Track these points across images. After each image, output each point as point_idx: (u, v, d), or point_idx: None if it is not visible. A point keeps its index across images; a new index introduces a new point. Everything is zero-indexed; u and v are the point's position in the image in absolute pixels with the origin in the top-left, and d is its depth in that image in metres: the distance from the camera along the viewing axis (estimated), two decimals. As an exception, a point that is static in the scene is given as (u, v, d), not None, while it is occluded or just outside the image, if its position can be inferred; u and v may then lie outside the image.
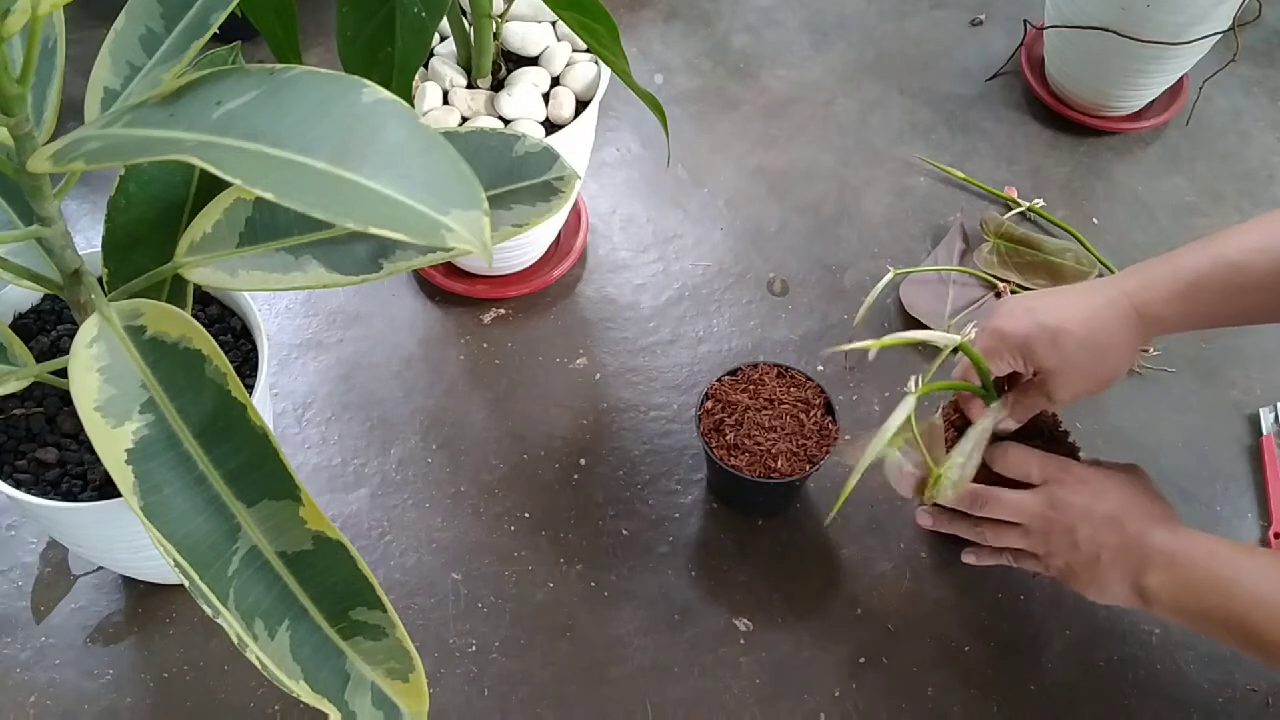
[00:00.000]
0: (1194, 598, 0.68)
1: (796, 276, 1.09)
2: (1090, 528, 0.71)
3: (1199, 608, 0.68)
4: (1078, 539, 0.71)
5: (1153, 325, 0.74)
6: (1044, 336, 0.73)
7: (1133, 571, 0.70)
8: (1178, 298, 0.73)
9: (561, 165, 0.68)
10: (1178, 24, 1.08)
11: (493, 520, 0.92)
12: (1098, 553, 0.71)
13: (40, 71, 0.62)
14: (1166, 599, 0.69)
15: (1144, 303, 0.73)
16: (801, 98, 1.25)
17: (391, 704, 0.60)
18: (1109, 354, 0.74)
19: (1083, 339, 0.73)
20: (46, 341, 0.78)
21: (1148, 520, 0.71)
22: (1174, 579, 0.69)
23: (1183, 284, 0.72)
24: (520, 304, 1.06)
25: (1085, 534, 0.71)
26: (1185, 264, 0.73)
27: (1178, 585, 0.69)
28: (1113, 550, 0.70)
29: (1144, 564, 0.70)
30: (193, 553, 0.57)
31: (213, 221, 0.63)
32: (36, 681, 0.83)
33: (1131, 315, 0.73)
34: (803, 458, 0.86)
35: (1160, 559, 0.69)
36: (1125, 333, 0.73)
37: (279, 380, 1.00)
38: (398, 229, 0.43)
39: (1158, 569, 0.69)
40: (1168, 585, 0.69)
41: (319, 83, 0.48)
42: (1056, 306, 0.74)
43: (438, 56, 0.97)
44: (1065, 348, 0.72)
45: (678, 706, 0.83)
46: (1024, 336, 0.73)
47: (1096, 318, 0.73)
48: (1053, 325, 0.73)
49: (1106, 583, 0.72)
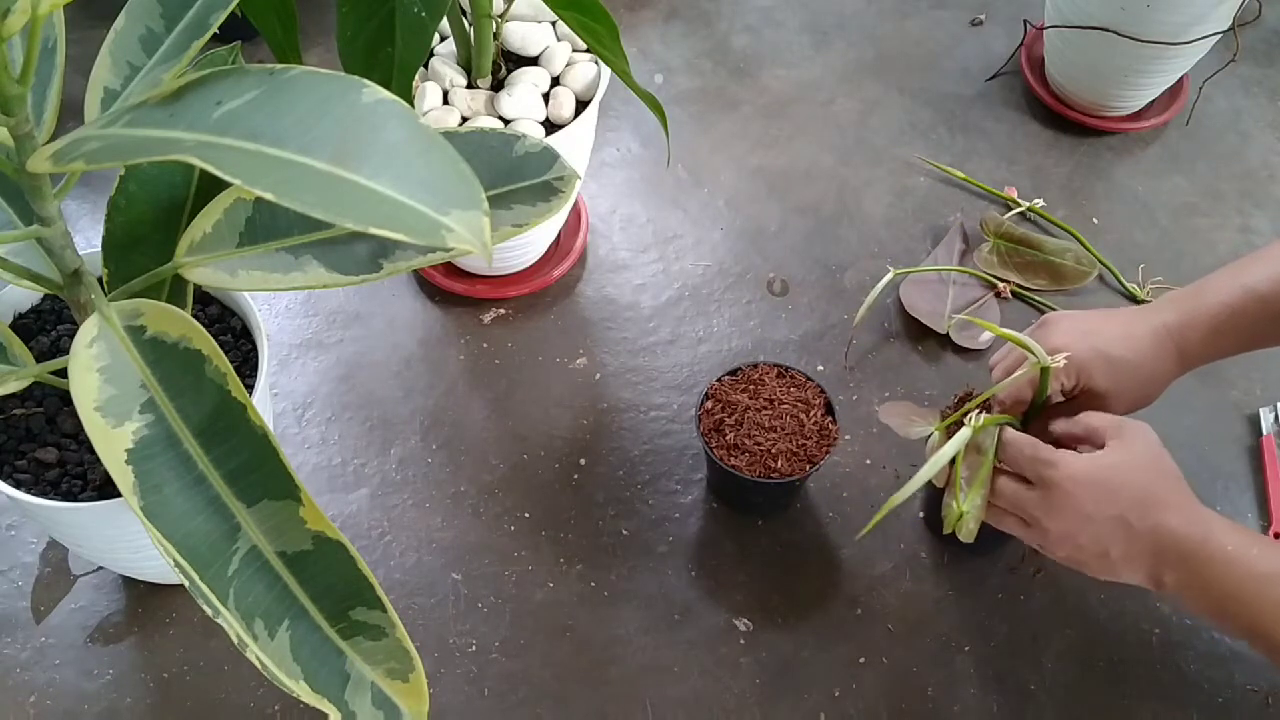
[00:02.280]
0: (1213, 602, 0.68)
1: (796, 276, 1.09)
2: (1093, 531, 0.69)
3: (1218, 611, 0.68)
4: (1081, 542, 0.70)
5: (1190, 360, 0.78)
6: (1100, 362, 0.77)
7: (1147, 565, 0.69)
8: (1213, 334, 0.77)
9: (561, 165, 0.68)
10: (1178, 24, 1.08)
11: (493, 520, 0.92)
12: (1106, 550, 0.70)
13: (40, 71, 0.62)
14: (1186, 599, 0.69)
15: (1183, 340, 0.77)
16: (801, 98, 1.25)
17: (391, 704, 0.60)
18: (1154, 384, 0.78)
19: (1135, 368, 0.77)
20: (46, 341, 0.78)
21: (1158, 509, 0.69)
22: (1191, 580, 0.68)
23: (1217, 321, 0.77)
24: (520, 304, 1.06)
25: (1089, 537, 0.70)
26: (1217, 299, 0.77)
27: (1196, 588, 0.68)
28: (1123, 546, 0.69)
29: (1159, 559, 0.69)
30: (193, 553, 0.57)
31: (213, 221, 0.63)
32: (36, 681, 0.83)
33: (1172, 351, 0.78)
34: (803, 458, 0.86)
35: (1175, 557, 0.68)
36: (1167, 365, 0.78)
37: (279, 380, 1.00)
38: (398, 229, 0.43)
39: (1173, 566, 0.68)
40: (1185, 586, 0.68)
41: (319, 83, 0.48)
42: (1109, 334, 0.78)
43: (438, 56, 0.97)
44: (1120, 375, 0.77)
45: (678, 706, 0.83)
46: (1083, 360, 0.77)
47: (1145, 350, 0.77)
48: (1110, 353, 0.77)
49: (1118, 573, 0.71)
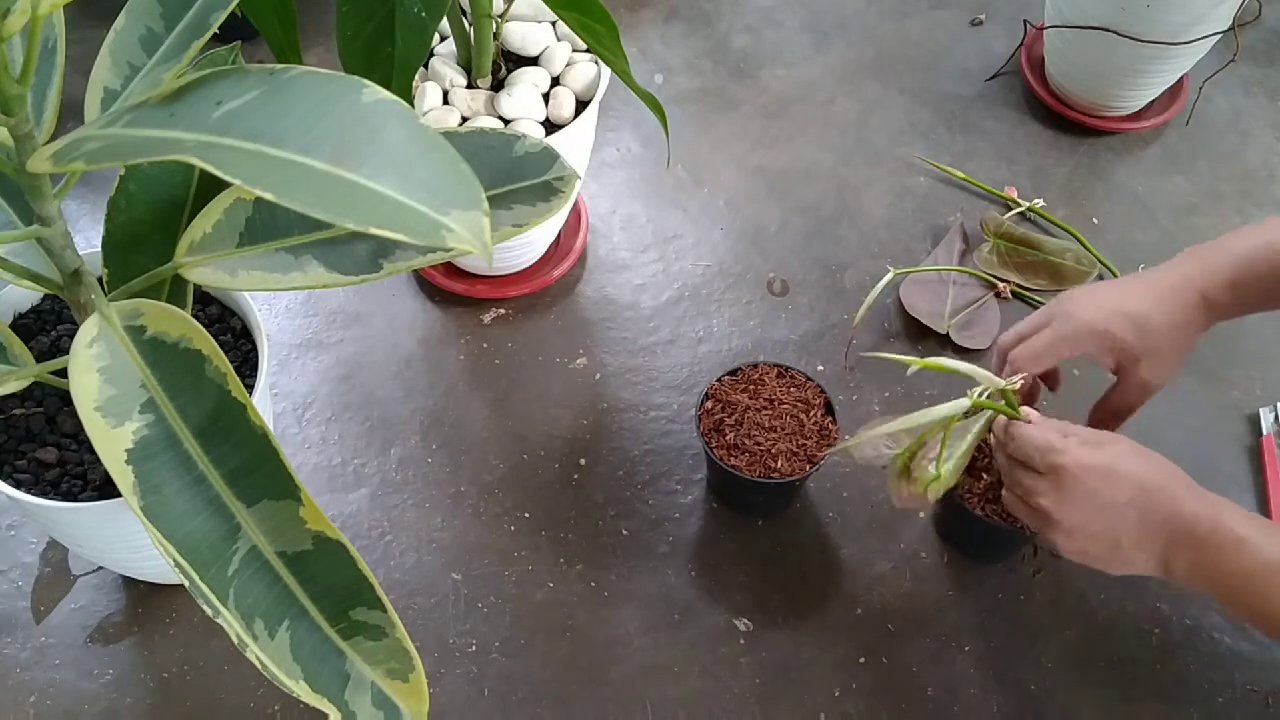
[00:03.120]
0: (1226, 587, 0.68)
1: (796, 276, 1.09)
2: (1105, 520, 0.69)
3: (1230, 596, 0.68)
4: (1093, 531, 0.70)
5: (1215, 310, 0.77)
6: (1128, 324, 0.75)
7: (1159, 552, 0.69)
8: (1235, 284, 0.76)
9: (561, 165, 0.68)
10: (1178, 24, 1.08)
11: (493, 520, 0.92)
12: (1117, 539, 0.69)
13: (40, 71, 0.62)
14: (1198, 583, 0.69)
15: (1206, 287, 0.76)
16: (801, 98, 1.25)
17: (391, 704, 0.60)
18: (1184, 336, 0.77)
19: (1163, 323, 0.76)
20: (46, 341, 0.78)
21: (1169, 496, 0.69)
22: (1203, 564, 0.68)
23: (1238, 272, 0.75)
24: (520, 304, 1.06)
25: (1101, 526, 0.69)
26: (1240, 251, 0.76)
27: (1208, 571, 0.68)
28: (1134, 532, 0.69)
29: (1170, 544, 0.68)
30: (193, 553, 0.57)
31: (213, 221, 0.63)
32: (36, 681, 0.83)
33: (1197, 299, 0.76)
34: (803, 458, 0.86)
35: (1188, 541, 0.68)
36: (1195, 313, 0.76)
37: (279, 380, 1.00)
38: (398, 229, 0.43)
39: (1184, 550, 0.68)
40: (1197, 569, 0.68)
41: (319, 83, 0.48)
42: (1132, 296, 0.77)
43: (438, 56, 0.96)
44: (1149, 332, 0.75)
45: (678, 706, 0.83)
46: (1105, 326, 0.75)
47: (1170, 301, 0.76)
48: (1133, 310, 0.75)
49: (1130, 563, 0.70)
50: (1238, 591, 0.67)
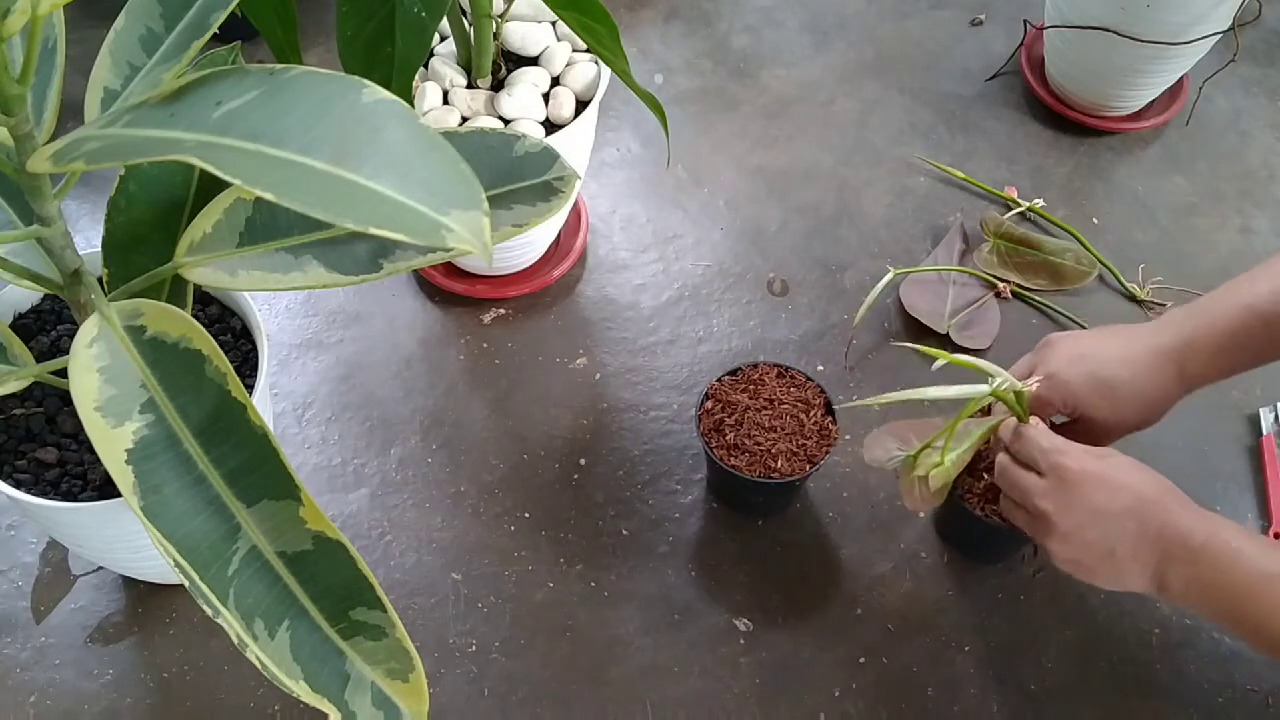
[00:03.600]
0: (1221, 601, 0.67)
1: (796, 276, 1.09)
2: (1102, 526, 0.69)
3: (1226, 611, 0.67)
4: (1089, 538, 0.70)
5: (1192, 381, 0.78)
6: (1095, 387, 0.77)
7: (1153, 565, 0.69)
8: (1217, 356, 0.77)
9: (561, 165, 0.68)
10: (1178, 24, 1.08)
11: (493, 520, 0.92)
12: (1112, 548, 0.69)
13: (40, 71, 0.62)
14: (1190, 598, 0.68)
15: (1184, 361, 0.77)
16: (801, 98, 1.25)
17: (391, 704, 0.60)
18: (1154, 406, 0.79)
19: (1133, 392, 0.77)
20: (46, 341, 0.78)
21: (1166, 509, 0.69)
22: (1197, 578, 0.67)
23: (1220, 343, 0.76)
24: (520, 304, 1.06)
25: (1097, 532, 0.70)
26: (1220, 321, 0.76)
27: (1202, 586, 0.67)
28: (1129, 543, 0.69)
29: (1165, 558, 0.68)
30: (193, 553, 0.57)
31: (213, 221, 0.63)
32: (36, 681, 0.83)
33: (1173, 373, 0.77)
34: (803, 458, 0.86)
35: (1182, 555, 0.68)
36: (1167, 386, 0.78)
37: (279, 380, 1.00)
38: (398, 229, 0.43)
39: (1180, 565, 0.68)
40: (1191, 584, 0.68)
41: (319, 83, 0.48)
42: (1105, 356, 0.78)
43: (438, 56, 0.97)
44: (1117, 399, 0.77)
45: (678, 706, 0.83)
46: (1075, 389, 0.78)
47: (1142, 372, 0.77)
48: (1105, 377, 0.77)
49: (1122, 574, 0.70)
50: (1235, 606, 0.67)
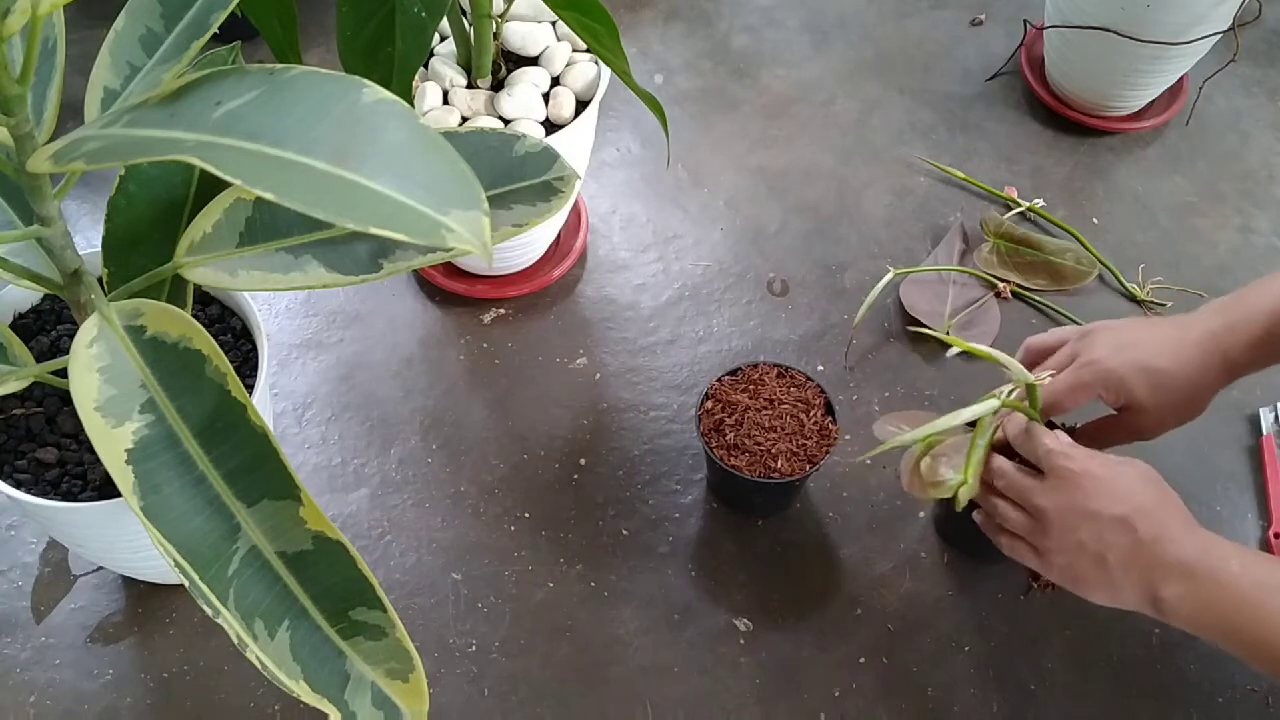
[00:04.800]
0: (1217, 615, 0.66)
1: (796, 276, 1.09)
2: (1096, 529, 0.69)
3: (1222, 626, 0.66)
4: (1082, 539, 0.69)
5: (1235, 370, 0.77)
6: (1142, 376, 0.76)
7: (1146, 579, 0.68)
8: (1258, 344, 0.75)
9: (561, 165, 0.68)
10: (1178, 24, 1.08)
11: (493, 520, 0.92)
12: (1104, 554, 0.68)
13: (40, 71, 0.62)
14: (1185, 613, 0.67)
15: (1230, 347, 0.76)
16: (801, 98, 1.25)
17: (391, 704, 0.60)
18: (1200, 394, 0.77)
19: (1180, 380, 0.76)
20: (46, 341, 0.78)
21: (1162, 523, 0.68)
22: (1193, 593, 0.66)
23: (1262, 330, 0.75)
24: (520, 304, 1.06)
25: (1090, 534, 0.69)
26: (1261, 310, 0.75)
27: (1198, 600, 0.66)
28: (1122, 553, 0.68)
29: (1159, 572, 0.67)
30: (193, 553, 0.57)
31: (213, 221, 0.63)
32: (36, 681, 0.83)
33: (1218, 360, 0.76)
34: (803, 458, 0.86)
35: (1178, 569, 0.67)
36: (1212, 374, 0.76)
37: (279, 380, 1.00)
38: (398, 229, 0.43)
39: (1175, 580, 0.67)
40: (1186, 599, 0.66)
41: (319, 83, 0.48)
42: (1151, 346, 0.77)
43: (438, 56, 0.96)
44: (1163, 388, 0.76)
45: (678, 706, 0.83)
46: (1123, 377, 0.76)
47: (1189, 360, 0.76)
48: (1152, 366, 0.76)
49: (1116, 586, 0.69)
50: (1230, 622, 0.65)
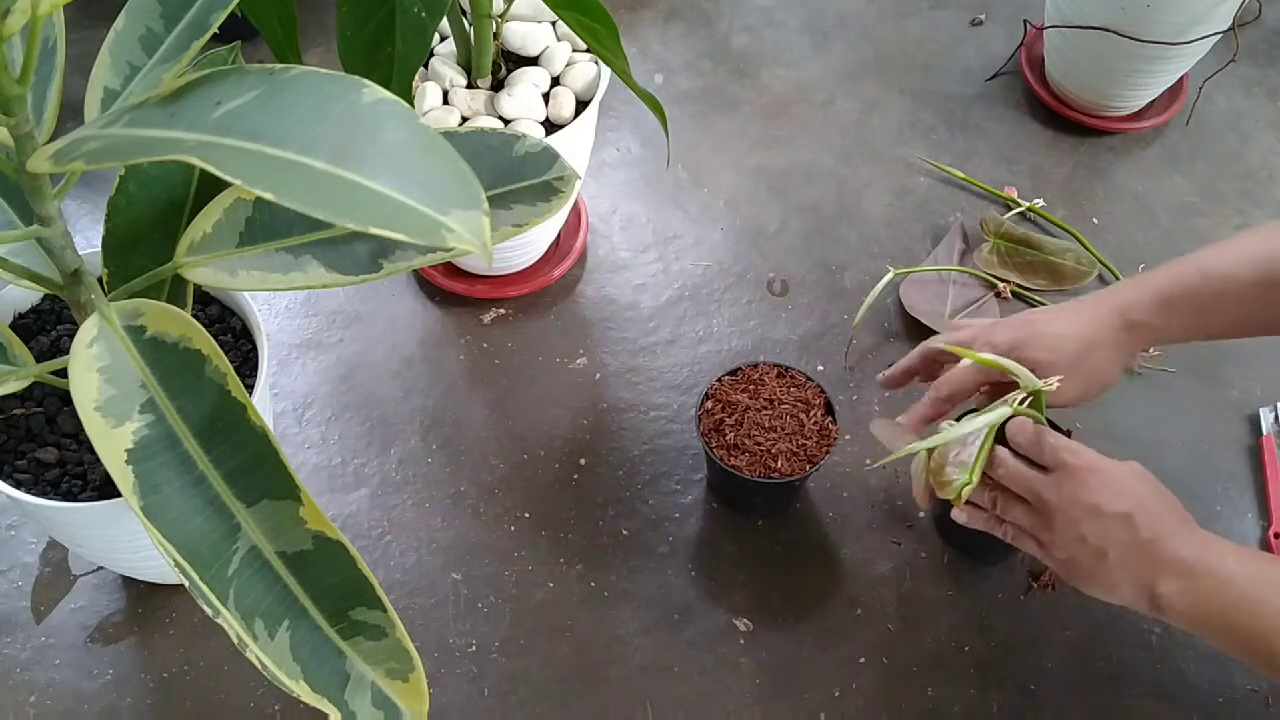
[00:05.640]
0: (1215, 612, 0.66)
1: (796, 276, 1.09)
2: (1098, 524, 0.69)
3: (1219, 623, 0.66)
4: (1084, 533, 0.69)
5: (1138, 331, 0.78)
6: (1034, 334, 0.78)
7: (1145, 575, 0.68)
8: (1158, 306, 0.77)
9: (561, 165, 0.68)
10: (1178, 24, 1.08)
11: (493, 520, 0.92)
12: (1105, 549, 0.69)
13: (40, 71, 0.62)
14: (1182, 610, 0.67)
15: (1128, 308, 0.78)
16: (801, 98, 1.25)
17: (391, 704, 0.60)
18: (1102, 355, 0.78)
19: (1076, 342, 0.77)
20: (46, 341, 0.78)
21: (1162, 521, 0.69)
22: (1191, 589, 0.66)
23: (1163, 292, 0.77)
24: (520, 304, 1.06)
25: (1092, 529, 0.69)
26: (1168, 274, 0.78)
27: (1195, 597, 0.66)
28: (1122, 549, 0.68)
29: (1158, 569, 0.67)
30: (193, 553, 0.57)
31: (213, 221, 0.63)
32: (36, 681, 0.83)
33: (1116, 320, 0.78)
34: (803, 458, 0.86)
35: (1177, 566, 0.67)
36: (1114, 334, 0.78)
37: (279, 380, 1.00)
38: (398, 229, 0.43)
39: (1173, 576, 0.67)
40: (1184, 596, 0.67)
41: (319, 83, 0.48)
42: (1045, 316, 0.80)
43: (438, 56, 0.97)
44: (1060, 350, 0.77)
45: (678, 706, 0.83)
46: (1019, 338, 0.78)
47: (1083, 320, 0.78)
48: (1048, 331, 0.78)
49: (1114, 582, 0.69)
50: (1227, 617, 0.66)
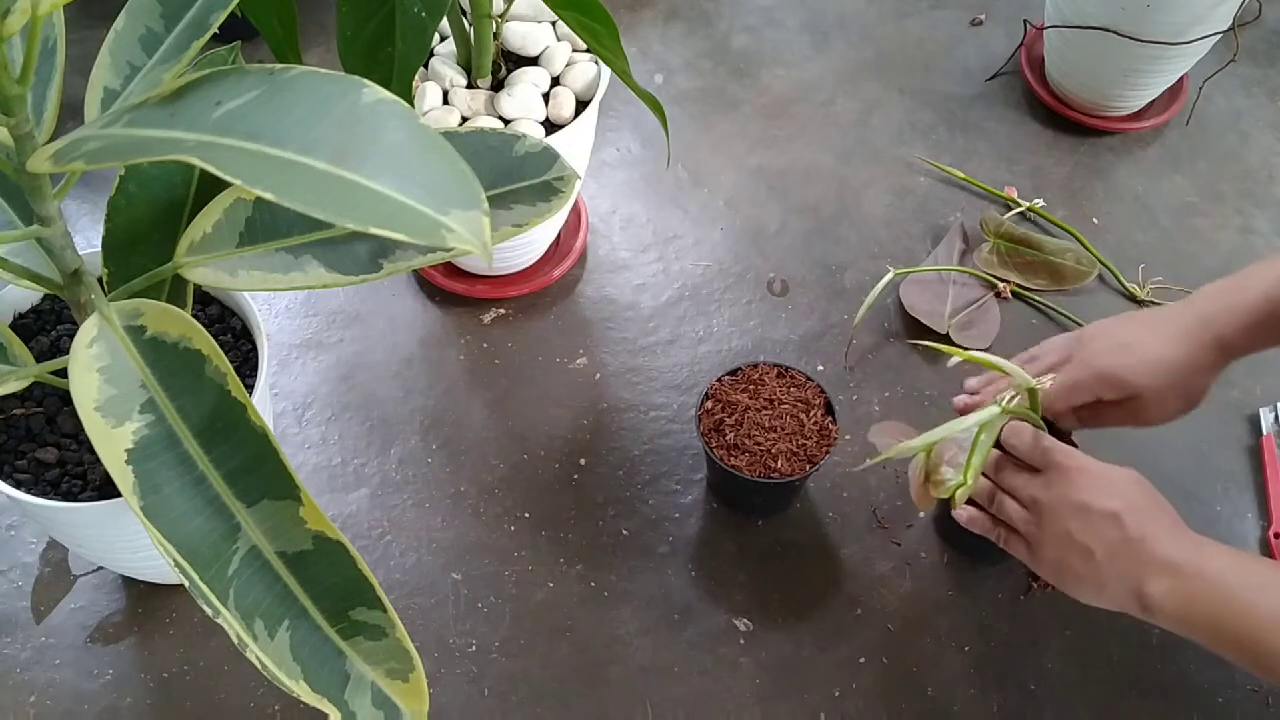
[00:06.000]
0: (1204, 612, 0.66)
1: (796, 276, 1.09)
2: (1086, 522, 0.69)
3: (1209, 624, 0.66)
4: (1071, 529, 0.70)
5: (1232, 350, 0.77)
6: (1138, 367, 0.77)
7: (1133, 575, 0.68)
8: (1252, 328, 0.76)
9: (561, 165, 0.68)
10: (1178, 24, 1.08)
11: (493, 520, 0.92)
12: (1092, 548, 0.69)
13: (40, 71, 0.62)
14: (1171, 609, 0.67)
15: (1222, 329, 0.77)
16: (801, 98, 1.25)
17: (391, 704, 0.60)
18: (1197, 379, 0.78)
19: (1176, 366, 0.77)
20: (46, 341, 0.78)
21: (1151, 521, 0.69)
22: (1180, 589, 0.66)
23: (1257, 314, 0.76)
24: (520, 304, 1.06)
25: (1079, 526, 0.69)
26: (1257, 291, 0.76)
27: (1184, 596, 0.66)
28: (1110, 547, 0.68)
29: (1146, 568, 0.67)
30: (193, 553, 0.57)
31: (213, 221, 0.63)
32: (36, 681, 0.83)
33: (1210, 341, 0.77)
34: (803, 458, 0.86)
35: (1165, 566, 0.67)
36: (1208, 357, 0.77)
37: (279, 380, 1.00)
38: (398, 229, 0.43)
39: (1162, 576, 0.67)
40: (1172, 595, 0.66)
41: (319, 83, 0.48)
42: (1143, 336, 0.78)
43: (438, 56, 0.97)
44: (1160, 375, 0.77)
45: (678, 706, 0.83)
46: (1117, 371, 0.77)
47: (1183, 344, 0.77)
48: (1148, 355, 0.77)
49: (1103, 582, 0.69)
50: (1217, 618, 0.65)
